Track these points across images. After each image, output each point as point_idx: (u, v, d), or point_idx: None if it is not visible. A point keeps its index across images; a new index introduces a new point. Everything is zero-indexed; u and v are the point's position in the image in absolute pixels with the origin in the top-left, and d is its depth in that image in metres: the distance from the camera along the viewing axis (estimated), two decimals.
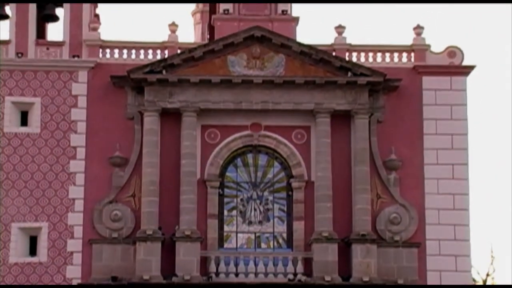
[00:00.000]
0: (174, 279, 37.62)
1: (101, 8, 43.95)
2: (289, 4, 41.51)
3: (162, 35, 40.65)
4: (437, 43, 40.97)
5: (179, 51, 39.88)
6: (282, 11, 41.14)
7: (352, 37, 40.82)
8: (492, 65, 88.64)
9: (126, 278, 37.86)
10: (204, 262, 38.28)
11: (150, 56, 40.25)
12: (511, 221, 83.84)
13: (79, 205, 38.84)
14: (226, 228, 39.64)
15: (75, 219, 38.73)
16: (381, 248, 38.67)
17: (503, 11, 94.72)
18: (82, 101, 39.55)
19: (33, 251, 38.69)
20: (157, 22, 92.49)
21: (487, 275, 57.30)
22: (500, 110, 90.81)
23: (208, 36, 45.00)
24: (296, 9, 41.66)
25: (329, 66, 39.42)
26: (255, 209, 39.83)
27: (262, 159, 40.14)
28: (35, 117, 39.38)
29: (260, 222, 39.71)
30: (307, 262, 38.45)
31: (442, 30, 76.55)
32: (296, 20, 41.41)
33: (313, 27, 49.58)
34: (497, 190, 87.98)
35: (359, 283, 37.88)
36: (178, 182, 38.76)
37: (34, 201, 38.72)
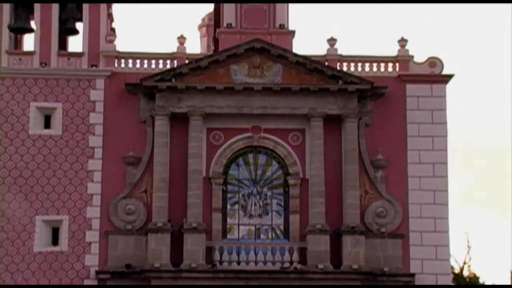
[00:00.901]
0: (182, 266, 37.66)
1: (117, 22, 44.27)
2: (286, 19, 41.35)
3: (172, 47, 40.54)
4: (419, 54, 41.05)
5: (186, 61, 39.74)
6: (280, 25, 41.02)
7: (342, 49, 40.75)
8: (469, 74, 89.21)
9: (139, 265, 37.88)
10: (209, 251, 38.30)
11: (160, 66, 40.06)
12: (486, 213, 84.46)
13: (96, 200, 38.84)
14: (229, 220, 39.59)
15: (93, 212, 38.74)
16: (369, 239, 38.64)
17: (479, 25, 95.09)
18: (99, 106, 39.50)
19: (55, 241, 38.73)
20: (167, 35, 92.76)
21: (464, 263, 57.53)
22: (476, 114, 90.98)
23: (213, 47, 45.03)
24: (292, 23, 41.70)
25: (322, 75, 39.40)
26: (255, 204, 39.81)
27: (262, 159, 40.09)
28: (57, 120, 39.38)
29: (259, 216, 39.68)
30: (302, 252, 38.46)
31: (424, 42, 76.76)
32: (292, 33, 41.25)
33: (307, 40, 49.78)
34: (472, 186, 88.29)
35: (349, 270, 37.88)
36: (186, 179, 38.75)
37: (56, 196, 38.73)
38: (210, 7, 46.77)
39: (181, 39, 40.51)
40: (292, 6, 41.65)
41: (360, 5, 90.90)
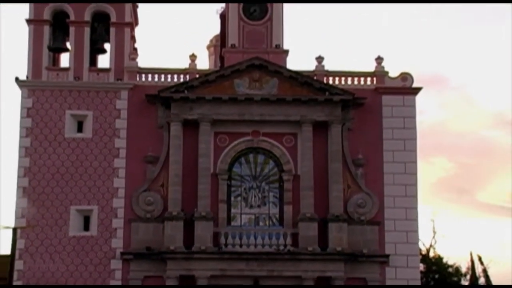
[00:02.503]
0: (193, 248, 37.73)
1: (138, 43, 44.10)
2: (281, 40, 41.07)
3: (184, 64, 40.48)
4: (393, 70, 41.07)
5: (197, 76, 39.70)
6: (276, 45, 40.92)
7: (328, 65, 40.73)
8: (434, 87, 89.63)
9: (157, 248, 37.97)
10: (216, 236, 38.28)
11: (175, 79, 40.03)
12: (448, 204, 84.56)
13: (121, 192, 38.83)
14: (232, 210, 39.51)
15: (118, 203, 38.73)
16: (351, 225, 38.66)
17: (444, 45, 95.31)
18: (124, 114, 39.50)
19: (86, 227, 38.81)
20: (180, 54, 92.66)
21: (430, 245, 57.51)
22: (440, 122, 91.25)
23: (219, 64, 44.93)
24: (287, 44, 41.45)
25: (311, 87, 39.41)
26: (255, 196, 39.74)
27: (260, 158, 39.97)
28: (88, 125, 39.39)
29: (258, 206, 39.62)
30: (294, 236, 38.46)
31: (397, 60, 77.25)
32: (286, 52, 41.07)
33: (299, 57, 49.74)
34: (436, 180, 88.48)
35: (333, 252, 38.01)
36: (196, 175, 38.70)
37: (87, 189, 38.78)
38: (217, 30, 46.79)
39: (193, 57, 40.54)
40: (286, 29, 41.67)
41: (344, 28, 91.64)
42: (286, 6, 41.74)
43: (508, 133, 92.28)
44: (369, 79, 40.70)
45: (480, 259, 57.98)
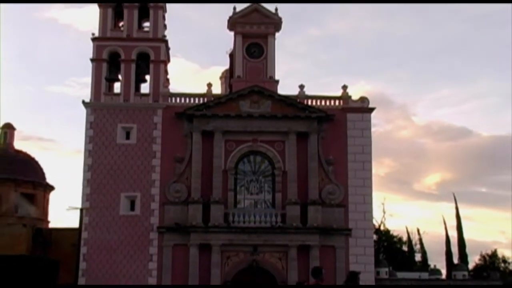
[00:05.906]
0: (209, 224, 38.14)
1: (170, 75, 44.29)
2: (274, 72, 40.70)
3: (203, 90, 40.53)
4: (354, 95, 41.40)
5: (212, 99, 39.96)
6: (270, 76, 40.82)
7: (308, 91, 40.81)
8: (383, 107, 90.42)
9: (183, 223, 38.24)
10: (226, 215, 38.62)
11: (196, 101, 40.22)
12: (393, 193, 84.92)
13: (157, 183, 39.04)
14: (238, 196, 39.58)
15: (155, 191, 38.97)
16: (324, 208, 38.95)
17: (391, 78, 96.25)
18: (159, 126, 39.72)
19: (132, 208, 39.02)
20: (200, 82, 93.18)
21: (381, 222, 58.27)
22: (387, 132, 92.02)
23: (229, 90, 45.32)
24: (278, 75, 41.25)
25: (295, 107, 39.75)
26: (254, 186, 39.81)
27: (258, 159, 40.05)
28: (133, 134, 39.66)
29: (257, 193, 39.73)
30: (283, 216, 38.78)
31: (358, 88, 78.24)
32: (277, 81, 41.01)
33: (287, 85, 50.22)
34: (384, 174, 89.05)
35: (312, 227, 38.36)
36: (211, 171, 38.97)
37: (133, 181, 39.12)
38: (227, 66, 47.13)
39: (209, 85, 40.80)
40: (277, 65, 41.77)
41: (319, 63, 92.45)
42: (278, 49, 42.02)
43: (434, 140, 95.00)
44: (337, 101, 40.88)
45: (418, 230, 58.88)
